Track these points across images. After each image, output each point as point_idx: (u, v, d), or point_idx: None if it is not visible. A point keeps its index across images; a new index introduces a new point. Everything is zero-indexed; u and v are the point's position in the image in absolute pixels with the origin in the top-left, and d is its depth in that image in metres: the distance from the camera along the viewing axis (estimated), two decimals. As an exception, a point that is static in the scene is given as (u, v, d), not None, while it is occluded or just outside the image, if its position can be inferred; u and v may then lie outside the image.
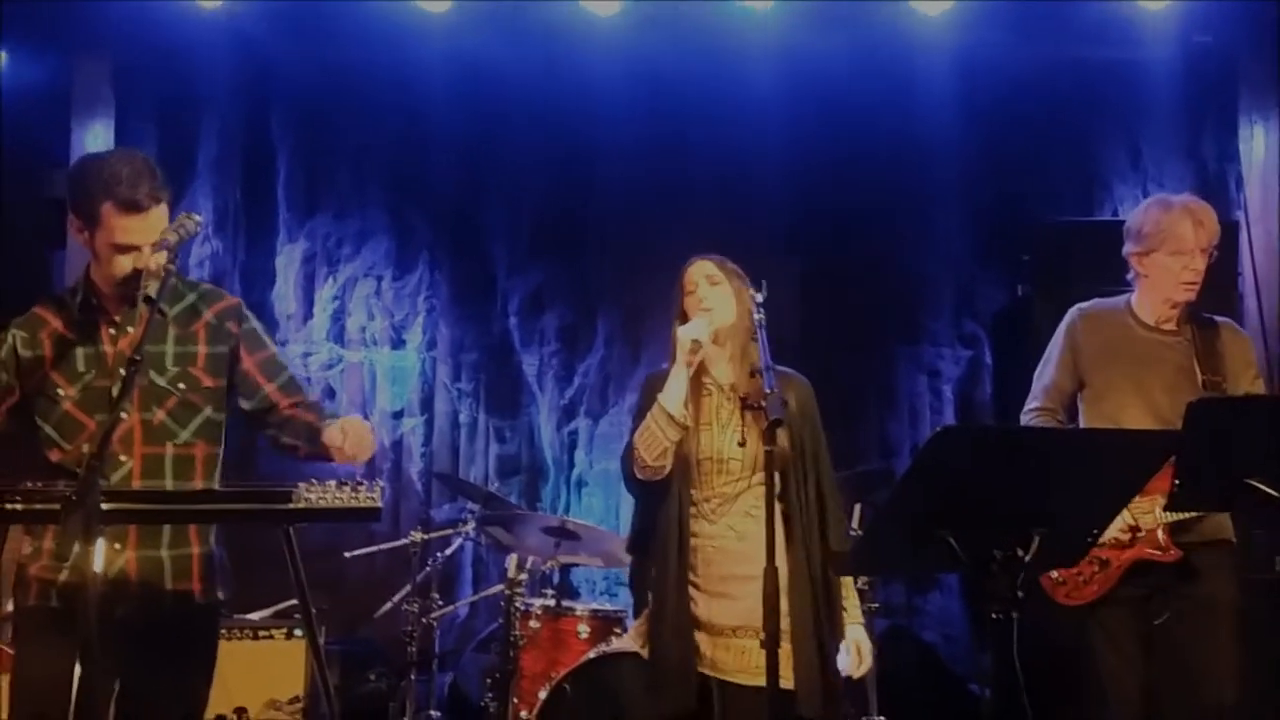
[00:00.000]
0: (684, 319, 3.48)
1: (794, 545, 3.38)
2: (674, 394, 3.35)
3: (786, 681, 3.23)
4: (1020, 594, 2.67)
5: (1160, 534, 3.71)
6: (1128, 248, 3.95)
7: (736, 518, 3.41)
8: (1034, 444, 2.81)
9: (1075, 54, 6.40)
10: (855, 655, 3.46)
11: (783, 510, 3.39)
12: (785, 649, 3.25)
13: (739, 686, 3.33)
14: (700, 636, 3.37)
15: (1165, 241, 3.84)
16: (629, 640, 3.51)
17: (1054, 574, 3.78)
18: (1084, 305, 4.07)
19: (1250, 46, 6.27)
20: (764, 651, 3.11)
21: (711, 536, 3.41)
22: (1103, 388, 3.92)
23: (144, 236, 3.02)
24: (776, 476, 3.31)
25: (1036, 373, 4.09)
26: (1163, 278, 3.86)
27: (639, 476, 3.40)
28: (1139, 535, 3.72)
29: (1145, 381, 3.84)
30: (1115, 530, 3.66)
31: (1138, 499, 3.55)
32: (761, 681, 3.16)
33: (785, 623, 3.26)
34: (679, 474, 3.40)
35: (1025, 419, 4.04)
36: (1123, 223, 6.34)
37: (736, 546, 3.38)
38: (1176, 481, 3.01)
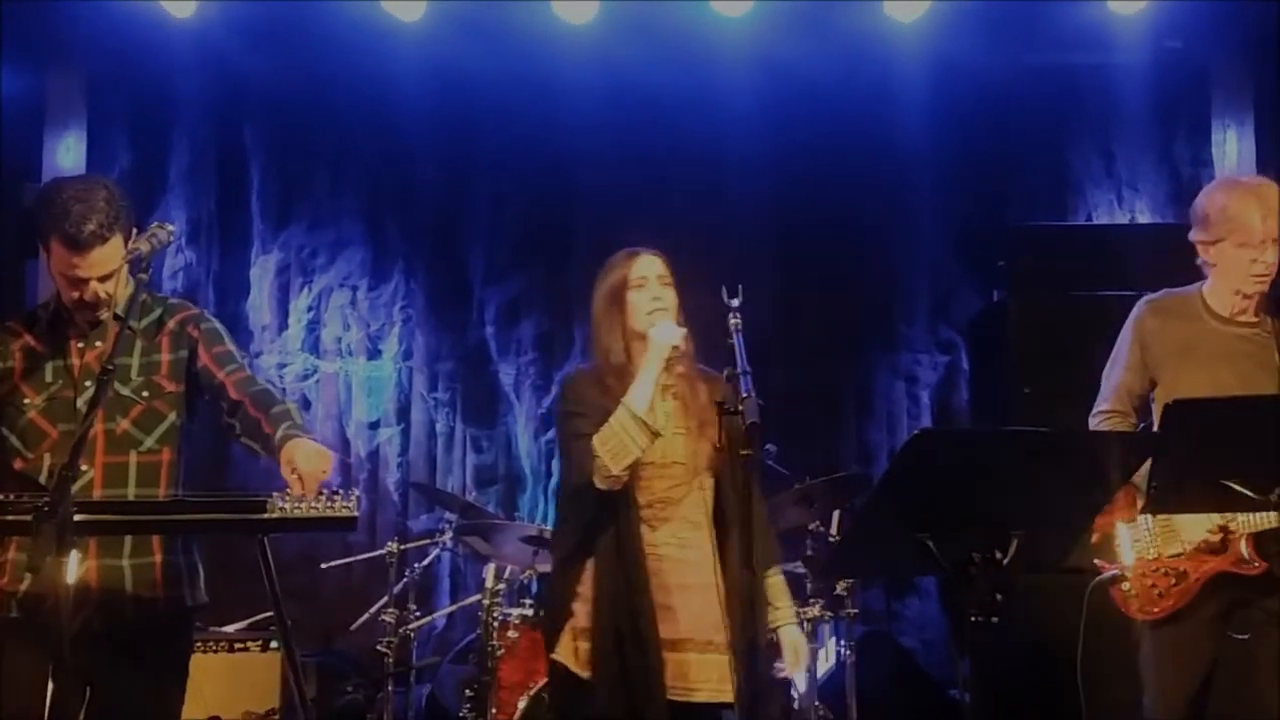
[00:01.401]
0: (623, 312, 3.36)
1: (729, 554, 3.27)
2: (644, 398, 3.21)
3: (728, 695, 3.19)
4: (999, 597, 2.66)
5: (1244, 546, 3.46)
6: (1194, 233, 3.67)
7: (679, 525, 3.31)
8: (1010, 446, 2.80)
9: (1048, 60, 6.43)
10: (792, 655, 3.38)
11: (715, 518, 3.32)
12: (726, 660, 3.20)
13: (679, 704, 3.20)
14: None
15: (1231, 231, 3.56)
16: (560, 654, 3.28)
17: (1125, 586, 3.56)
18: (1153, 297, 3.78)
19: (1221, 51, 6.33)
20: (705, 664, 3.09)
21: (655, 545, 3.28)
22: (1174, 386, 3.61)
23: (88, 271, 3.06)
24: (711, 483, 3.30)
25: (1105, 372, 3.81)
26: (1231, 269, 3.60)
27: (601, 486, 3.21)
28: (1229, 537, 3.46)
29: (1221, 378, 3.55)
30: (1203, 531, 3.46)
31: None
32: (702, 697, 3.14)
33: (724, 634, 3.22)
34: (628, 480, 3.26)
35: (1093, 423, 3.77)
36: (1097, 227, 6.45)
37: (680, 555, 3.28)
38: (1153, 484, 2.97)
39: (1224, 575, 3.50)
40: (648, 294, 3.37)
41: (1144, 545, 3.58)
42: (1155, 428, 3.68)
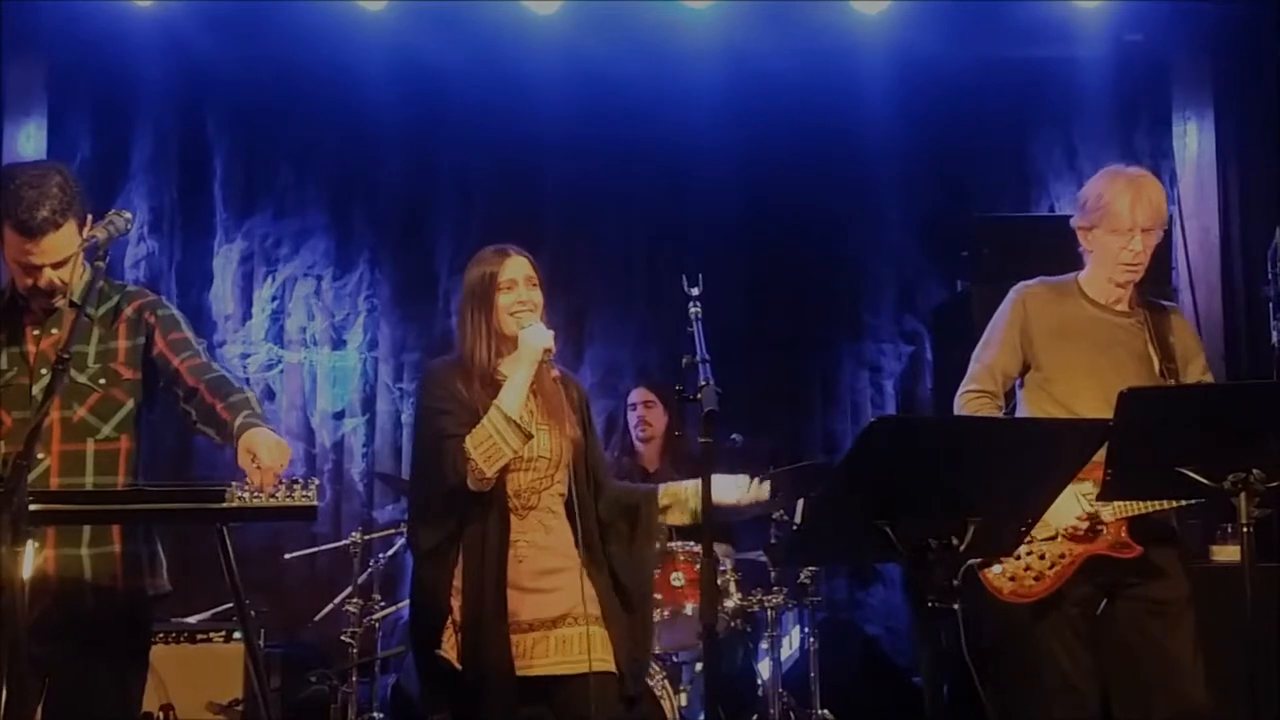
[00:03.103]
0: (490, 313, 3.36)
1: (588, 534, 3.38)
2: (517, 400, 3.26)
3: (609, 664, 3.29)
4: (956, 583, 2.69)
5: (1122, 531, 3.54)
6: (1074, 219, 3.78)
7: (543, 514, 3.37)
8: (967, 434, 2.84)
9: (1011, 53, 6.47)
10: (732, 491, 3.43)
11: (565, 502, 3.41)
12: (601, 633, 3.31)
13: (567, 677, 3.28)
14: (517, 638, 3.27)
15: (1103, 218, 3.66)
16: (444, 650, 3.31)
17: (997, 570, 3.59)
18: (1029, 283, 3.85)
19: (1182, 45, 6.40)
20: (585, 638, 3.21)
21: (522, 533, 3.34)
22: (1053, 370, 3.71)
23: (41, 258, 3.04)
24: (569, 472, 3.38)
25: (975, 354, 3.86)
26: (1104, 256, 3.69)
27: (472, 488, 3.24)
28: (1099, 529, 3.54)
29: (1099, 364, 3.64)
30: (1071, 518, 3.51)
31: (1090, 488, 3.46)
32: (584, 668, 3.22)
33: (595, 608, 3.31)
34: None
35: (962, 401, 3.81)
36: (1059, 218, 6.49)
37: (545, 541, 3.35)
38: (1108, 470, 3.00)
39: (1098, 559, 3.56)
40: (515, 296, 3.39)
41: None
42: (1018, 410, 3.81)
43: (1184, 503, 3.51)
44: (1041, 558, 3.59)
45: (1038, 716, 3.66)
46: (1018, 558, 3.57)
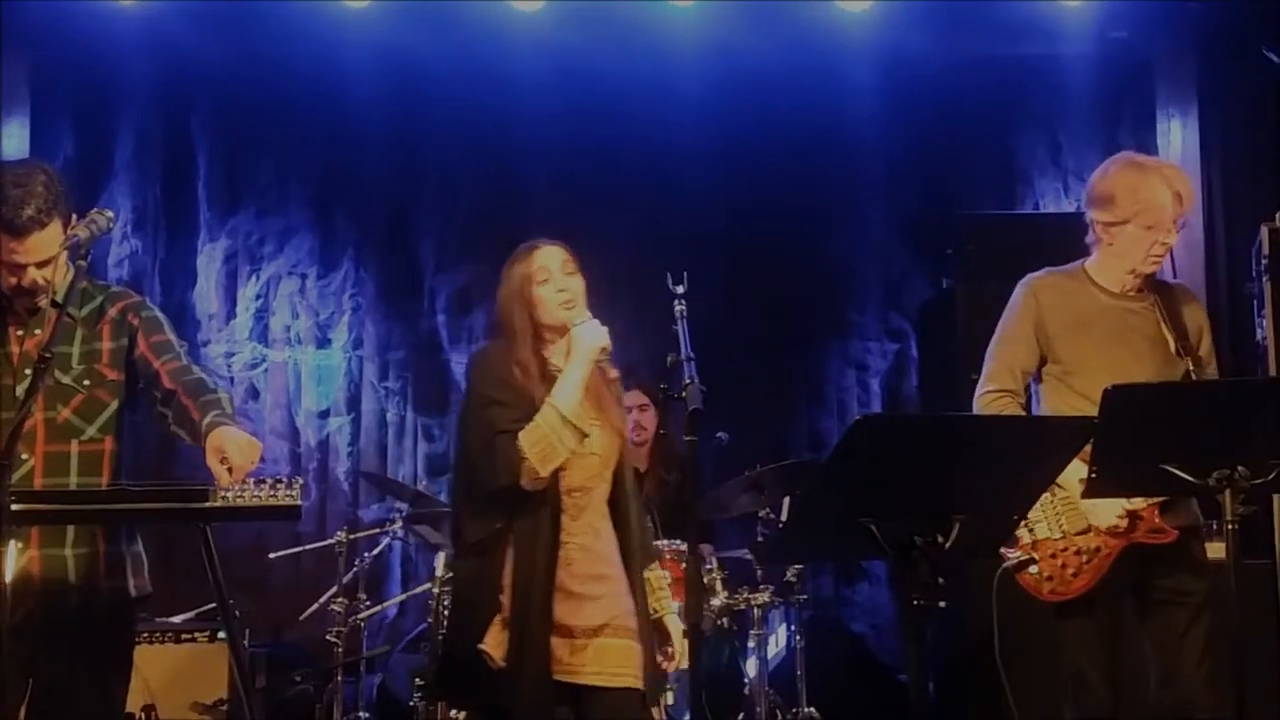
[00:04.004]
0: (532, 308, 3.29)
1: (631, 544, 3.32)
2: (572, 398, 3.17)
3: (640, 682, 3.21)
4: (940, 580, 2.69)
5: (1155, 516, 3.49)
6: (1093, 213, 3.67)
7: (594, 516, 3.31)
8: (952, 431, 2.83)
9: (995, 50, 6.49)
10: (680, 645, 3.40)
11: (614, 514, 3.34)
12: (636, 647, 3.23)
13: (602, 689, 3.19)
14: (557, 641, 3.18)
15: (1141, 214, 3.56)
16: (487, 644, 3.23)
17: (1033, 570, 3.53)
18: (1037, 275, 3.77)
19: (1166, 42, 6.41)
20: (623, 650, 3.14)
21: (573, 534, 3.26)
22: (1072, 363, 3.64)
23: (26, 257, 3.02)
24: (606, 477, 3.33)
25: (990, 351, 3.77)
26: (1131, 249, 3.60)
27: (527, 487, 3.17)
28: (1138, 521, 3.48)
29: (1118, 354, 3.58)
30: (1113, 518, 3.46)
31: None
32: (619, 682, 3.16)
33: (634, 621, 3.25)
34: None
35: (983, 403, 3.71)
36: (1044, 216, 6.51)
37: (593, 545, 3.28)
38: (1093, 467, 3.00)
39: (1135, 548, 3.52)
40: (553, 286, 3.30)
41: (1047, 526, 3.57)
42: (1037, 405, 3.75)
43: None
44: (1078, 553, 3.54)
45: (1056, 717, 3.64)
46: (1054, 556, 3.55)
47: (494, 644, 3.20)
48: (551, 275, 3.31)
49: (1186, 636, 3.55)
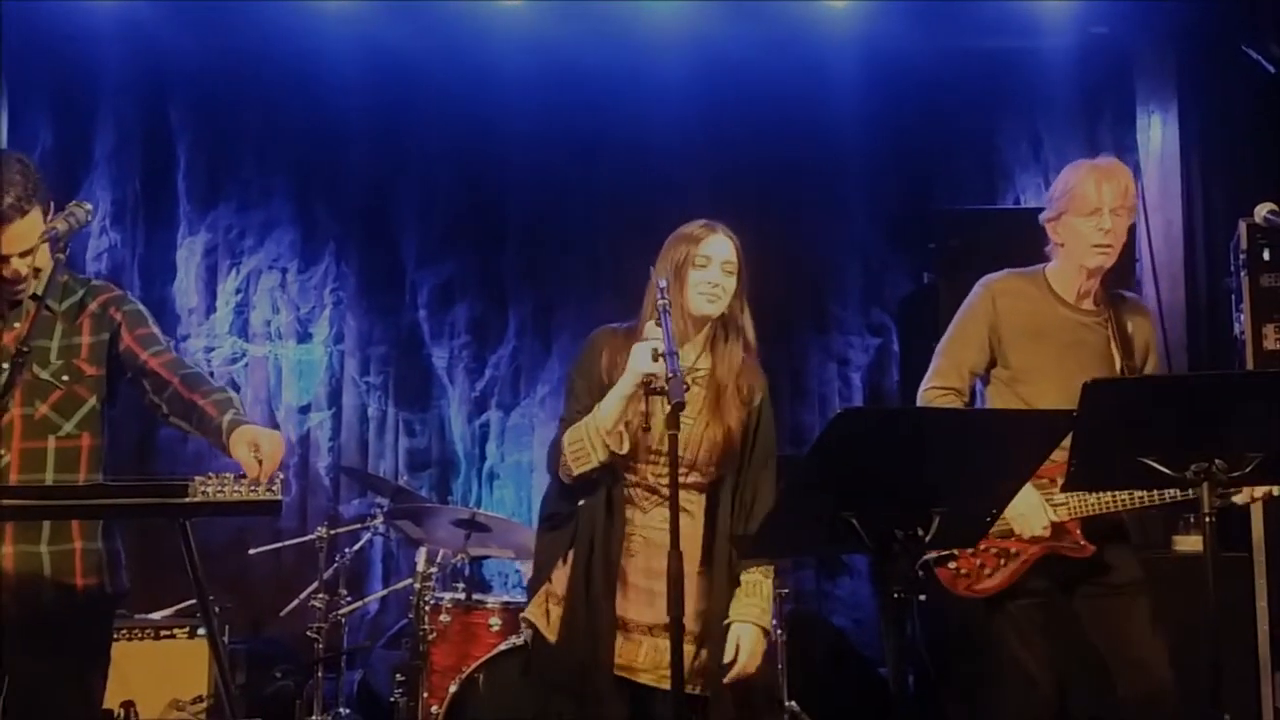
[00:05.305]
0: (680, 288, 3.26)
1: (719, 544, 3.25)
2: (613, 414, 3.15)
3: (693, 687, 3.17)
4: (920, 574, 2.69)
5: (1076, 530, 3.60)
6: (1043, 215, 3.81)
7: (668, 510, 3.24)
8: (932, 425, 2.84)
9: (977, 45, 6.48)
10: (741, 653, 3.26)
11: (707, 504, 3.29)
12: (690, 649, 3.17)
13: (651, 690, 3.18)
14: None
15: (1072, 202, 3.69)
16: (531, 613, 3.29)
17: (951, 565, 3.62)
18: (996, 277, 3.86)
19: (1146, 38, 6.42)
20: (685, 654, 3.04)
21: (642, 526, 3.26)
22: (1021, 370, 3.73)
23: (7, 247, 3.01)
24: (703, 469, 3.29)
25: (940, 347, 3.85)
26: (1074, 242, 3.70)
27: (565, 481, 3.22)
28: (1062, 532, 3.58)
29: (1066, 366, 3.64)
30: (1038, 527, 3.54)
31: (1053, 492, 3.55)
32: (664, 684, 3.10)
33: (696, 624, 3.20)
34: (627, 460, 3.22)
35: (927, 398, 3.81)
36: (1025, 211, 6.51)
37: (663, 540, 3.18)
38: (1072, 461, 3.01)
39: (1051, 556, 3.61)
40: (706, 276, 3.28)
41: None
42: (984, 405, 3.83)
43: (1154, 501, 3.55)
44: (997, 555, 3.63)
45: (996, 706, 3.70)
46: (973, 554, 3.62)
47: (536, 613, 3.27)
48: (711, 263, 3.30)
49: (1129, 622, 3.62)
